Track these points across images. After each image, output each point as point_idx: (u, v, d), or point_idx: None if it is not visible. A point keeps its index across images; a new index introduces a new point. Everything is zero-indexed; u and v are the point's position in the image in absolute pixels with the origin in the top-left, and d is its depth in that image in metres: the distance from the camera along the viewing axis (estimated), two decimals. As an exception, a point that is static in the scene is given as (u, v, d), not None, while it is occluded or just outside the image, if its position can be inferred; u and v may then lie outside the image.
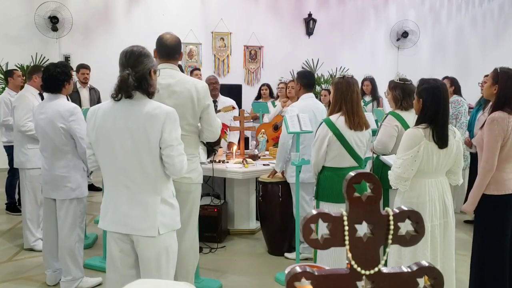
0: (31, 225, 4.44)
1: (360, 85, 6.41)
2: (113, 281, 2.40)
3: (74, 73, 5.04)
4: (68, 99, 3.69)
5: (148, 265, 2.31)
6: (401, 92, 3.48)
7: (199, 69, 6.73)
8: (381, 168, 3.42)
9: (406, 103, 3.45)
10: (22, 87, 4.62)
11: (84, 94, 6.49)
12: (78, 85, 6.39)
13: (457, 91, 5.55)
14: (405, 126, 3.35)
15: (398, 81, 3.55)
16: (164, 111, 2.23)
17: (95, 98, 6.61)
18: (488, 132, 2.83)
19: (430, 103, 2.67)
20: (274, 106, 6.39)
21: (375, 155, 3.64)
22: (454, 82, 5.56)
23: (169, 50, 2.98)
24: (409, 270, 0.99)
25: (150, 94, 2.28)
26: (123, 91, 2.21)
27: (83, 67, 6.53)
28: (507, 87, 2.87)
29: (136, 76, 2.22)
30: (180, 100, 2.85)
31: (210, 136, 3.10)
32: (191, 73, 6.70)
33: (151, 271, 2.30)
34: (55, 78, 3.44)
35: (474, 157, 5.10)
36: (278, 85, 6.87)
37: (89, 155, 2.44)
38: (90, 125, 2.33)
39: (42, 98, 4.47)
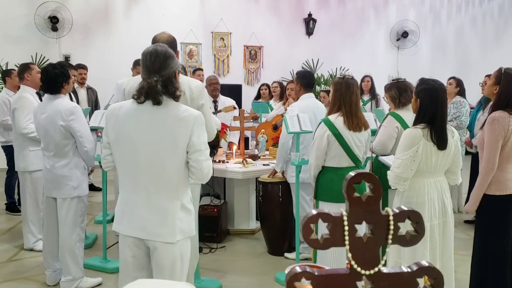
0: (33, 226, 4.43)
1: (359, 82, 6.43)
2: (126, 282, 2.36)
3: (74, 72, 5.01)
4: (72, 99, 3.69)
5: (162, 272, 2.25)
6: (397, 89, 3.52)
7: (201, 69, 6.71)
8: (380, 169, 3.42)
9: (404, 98, 3.48)
10: (19, 87, 4.59)
11: (82, 94, 6.49)
12: (76, 85, 6.37)
13: (462, 92, 5.55)
14: (405, 126, 3.35)
15: (391, 82, 3.59)
16: (193, 114, 2.17)
17: (93, 98, 6.60)
18: (488, 132, 2.83)
19: (428, 104, 2.68)
20: (269, 106, 6.41)
21: (374, 155, 3.65)
22: (459, 83, 5.57)
23: None
24: (409, 270, 0.99)
25: (176, 97, 2.20)
26: (151, 98, 2.13)
27: (80, 67, 6.52)
28: (509, 89, 2.86)
29: (162, 81, 2.15)
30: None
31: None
32: (194, 73, 6.70)
33: (165, 277, 2.24)
34: (53, 79, 3.45)
35: (474, 157, 5.11)
36: (272, 84, 6.90)
37: (105, 155, 2.33)
38: (110, 124, 2.24)
39: (40, 97, 4.46)
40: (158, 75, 2.15)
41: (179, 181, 2.21)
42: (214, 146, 3.89)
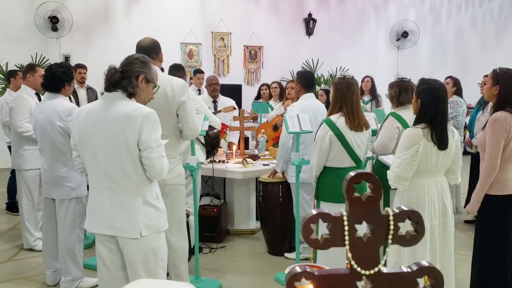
0: (29, 225, 4.44)
1: (360, 83, 6.41)
2: (105, 281, 2.40)
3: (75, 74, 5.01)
4: (71, 100, 3.69)
5: (135, 267, 2.31)
6: (397, 88, 3.51)
7: (202, 72, 6.58)
8: (381, 169, 3.42)
9: (403, 98, 3.47)
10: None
11: (82, 94, 6.49)
12: (76, 85, 6.37)
13: (459, 92, 5.56)
14: (406, 126, 3.34)
15: (396, 80, 3.58)
16: (143, 112, 2.23)
17: (93, 98, 6.59)
18: (490, 133, 2.82)
19: (429, 104, 2.67)
20: (270, 106, 6.39)
21: (375, 156, 3.65)
22: (456, 83, 5.58)
23: (143, 49, 2.97)
24: (409, 270, 0.99)
25: (130, 93, 2.29)
26: (105, 83, 2.28)
27: (80, 66, 6.52)
28: (508, 87, 2.86)
29: (122, 74, 2.27)
30: (156, 99, 2.77)
31: (189, 134, 3.07)
32: (194, 75, 6.67)
33: (139, 273, 2.30)
34: (56, 77, 3.44)
35: (474, 157, 5.10)
36: (271, 84, 6.87)
37: (75, 157, 2.46)
38: (74, 126, 2.36)
39: (39, 98, 4.47)
40: (120, 66, 2.31)
41: (138, 178, 2.27)
42: (213, 146, 3.88)
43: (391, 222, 0.98)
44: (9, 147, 5.43)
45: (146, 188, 2.30)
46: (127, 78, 2.28)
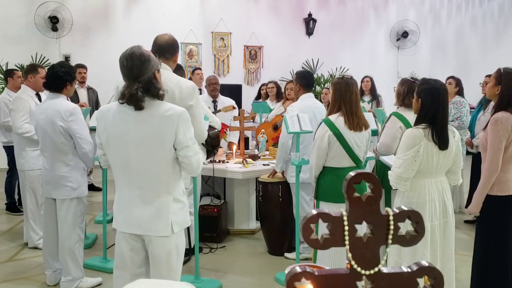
0: (34, 224, 4.45)
1: (359, 83, 6.41)
2: (121, 279, 2.37)
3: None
4: (67, 99, 3.69)
5: (158, 263, 2.32)
6: (407, 88, 3.50)
7: (200, 69, 6.71)
8: (383, 169, 3.41)
9: (408, 100, 3.46)
10: (20, 87, 4.62)
11: (82, 94, 6.47)
12: (76, 85, 6.36)
13: (460, 92, 5.56)
14: (408, 126, 3.34)
15: (409, 78, 3.57)
16: (177, 112, 2.21)
17: (93, 98, 6.59)
18: (492, 133, 2.82)
19: (430, 104, 2.67)
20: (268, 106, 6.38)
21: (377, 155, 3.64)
22: (458, 83, 5.57)
23: (159, 47, 2.92)
24: (409, 270, 0.99)
25: (159, 97, 2.23)
26: (133, 104, 2.16)
27: (80, 66, 6.51)
28: (510, 88, 2.86)
29: (143, 86, 2.17)
30: (164, 99, 2.77)
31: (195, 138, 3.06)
32: (193, 73, 6.70)
33: (161, 269, 2.31)
34: (59, 77, 3.44)
35: (475, 158, 5.10)
36: (268, 84, 6.87)
37: (101, 155, 2.43)
38: (101, 126, 2.30)
39: (39, 98, 4.47)
40: (138, 82, 2.17)
41: (169, 177, 2.27)
42: (214, 146, 3.87)
43: (391, 222, 0.98)
44: (4, 147, 5.44)
45: (176, 185, 2.31)
46: (151, 86, 2.19)
